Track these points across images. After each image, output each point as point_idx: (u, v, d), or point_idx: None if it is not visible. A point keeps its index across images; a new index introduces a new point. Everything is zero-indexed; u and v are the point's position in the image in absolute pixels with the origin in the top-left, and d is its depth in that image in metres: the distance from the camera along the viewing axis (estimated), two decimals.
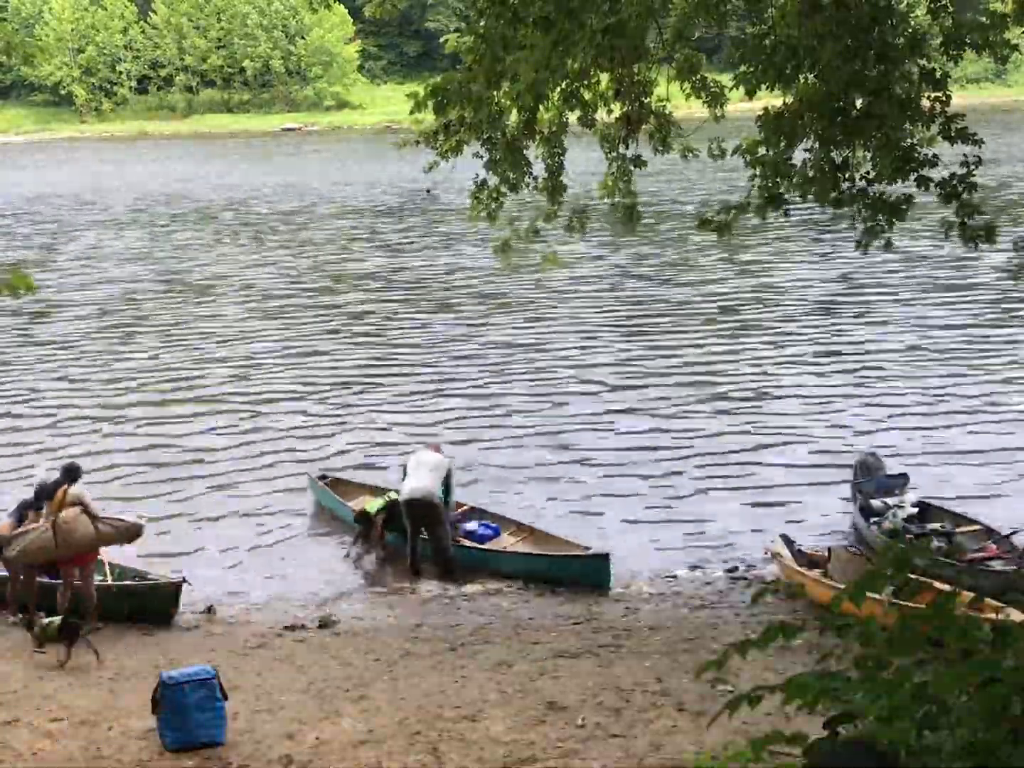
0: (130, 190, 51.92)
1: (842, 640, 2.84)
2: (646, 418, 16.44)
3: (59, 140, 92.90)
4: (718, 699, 7.61)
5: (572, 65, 9.59)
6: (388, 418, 16.98)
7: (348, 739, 7.45)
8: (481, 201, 11.00)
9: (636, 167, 10.97)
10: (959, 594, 2.80)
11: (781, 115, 8.92)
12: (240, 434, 16.43)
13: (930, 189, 8.93)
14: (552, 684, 8.43)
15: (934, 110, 8.81)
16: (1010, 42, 8.67)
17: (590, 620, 10.25)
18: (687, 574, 11.56)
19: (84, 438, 16.53)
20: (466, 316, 23.60)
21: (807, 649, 8.46)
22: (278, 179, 54.40)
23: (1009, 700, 2.40)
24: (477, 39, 9.69)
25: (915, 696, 2.47)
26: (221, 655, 9.30)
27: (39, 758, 7.31)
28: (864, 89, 8.63)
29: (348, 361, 20.41)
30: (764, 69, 8.67)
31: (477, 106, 9.88)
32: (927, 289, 24.13)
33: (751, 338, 20.62)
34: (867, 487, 12.27)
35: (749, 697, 2.69)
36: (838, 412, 16.27)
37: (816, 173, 9.06)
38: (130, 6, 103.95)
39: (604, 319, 22.69)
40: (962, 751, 2.37)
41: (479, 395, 17.95)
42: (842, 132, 8.80)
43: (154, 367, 20.39)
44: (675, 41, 9.96)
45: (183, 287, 28.51)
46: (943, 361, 18.58)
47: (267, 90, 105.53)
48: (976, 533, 11.30)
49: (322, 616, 10.67)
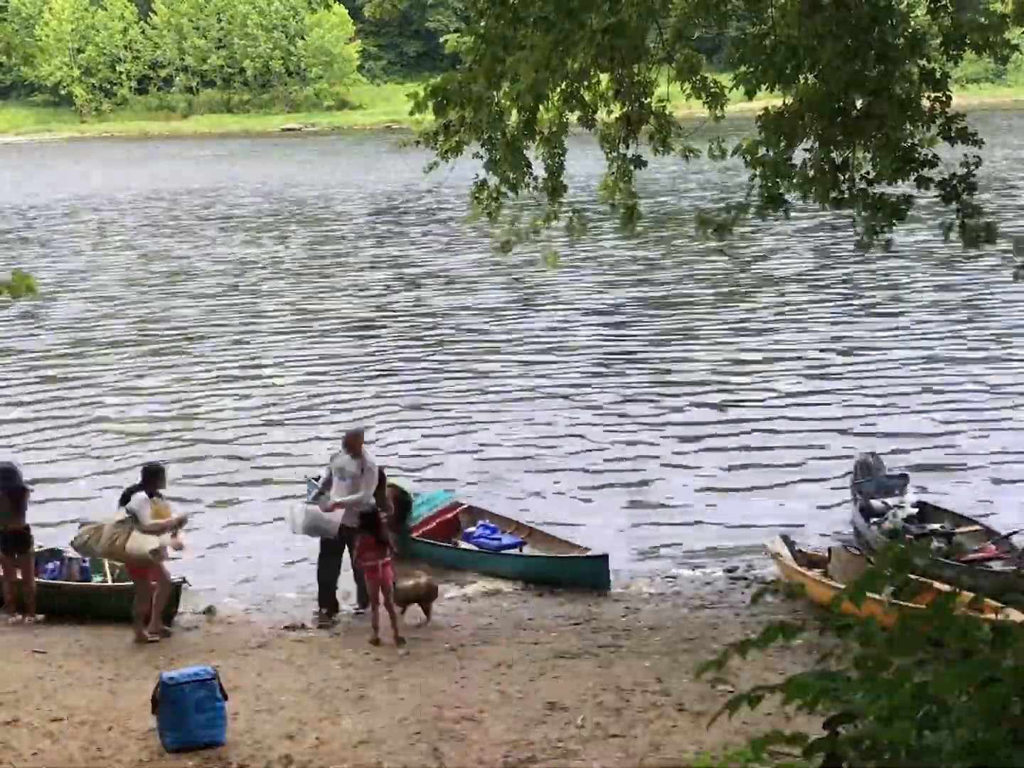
0: (130, 191, 51.93)
1: (842, 640, 2.83)
2: (645, 418, 16.43)
3: (59, 140, 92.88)
4: (718, 699, 7.61)
5: (572, 65, 9.59)
6: (386, 419, 16.98)
7: (348, 739, 7.45)
8: (481, 201, 10.99)
9: (636, 167, 10.96)
10: (959, 594, 2.80)
11: (781, 115, 8.91)
12: (240, 434, 16.43)
13: (930, 189, 8.93)
14: (552, 684, 8.43)
15: (934, 110, 8.80)
16: (1010, 42, 8.67)
17: (590, 620, 10.25)
18: (687, 574, 11.56)
19: (84, 439, 16.54)
20: (465, 316, 23.61)
21: (807, 649, 8.46)
22: (278, 179, 54.38)
23: (1009, 700, 2.40)
24: (477, 39, 9.69)
25: (915, 696, 2.47)
26: (221, 655, 9.30)
27: (39, 758, 7.31)
28: (864, 89, 8.62)
29: (346, 361, 20.41)
30: (764, 69, 8.67)
31: (477, 106, 9.87)
32: (927, 289, 24.12)
33: (751, 338, 20.62)
34: (867, 487, 12.27)
35: (749, 697, 2.69)
36: (838, 412, 16.27)
37: (816, 173, 9.06)
38: (130, 6, 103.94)
39: (604, 319, 22.69)
40: (962, 751, 2.37)
41: (478, 395, 17.95)
42: (842, 132, 8.80)
43: (153, 367, 20.38)
44: (675, 41, 9.95)
45: (175, 285, 28.52)
46: (943, 361, 18.57)
47: (267, 90, 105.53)
48: (976, 533, 11.30)
49: (322, 616, 10.66)
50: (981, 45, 8.48)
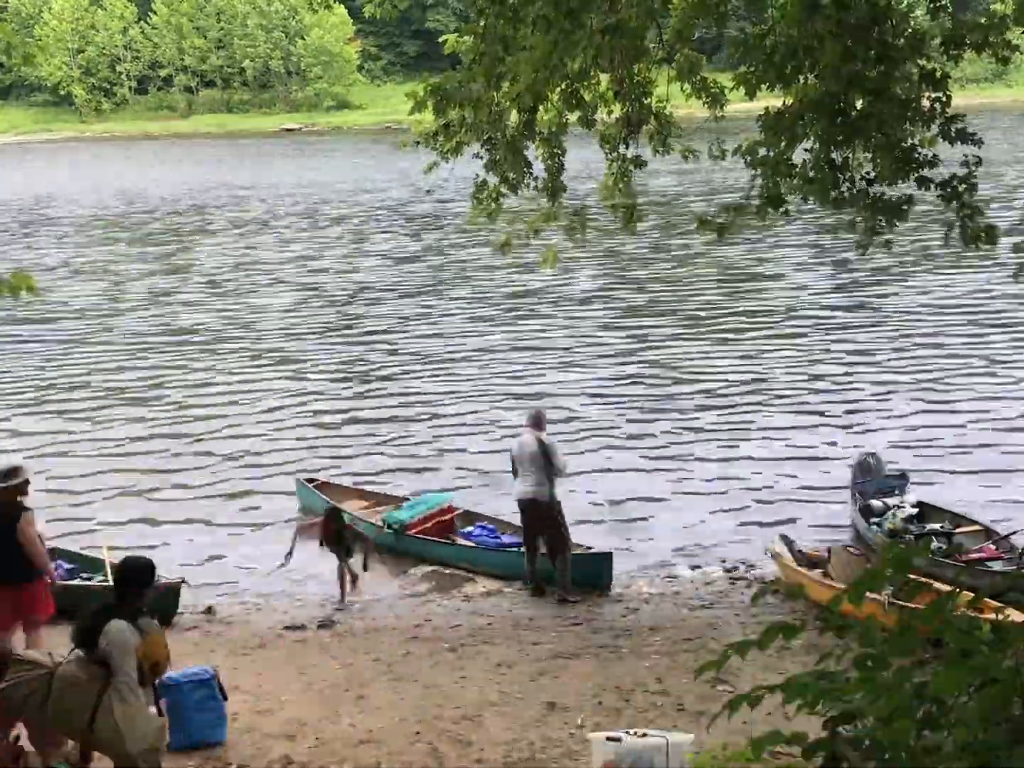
0: (129, 190, 51.96)
1: (842, 640, 2.84)
2: (645, 418, 16.44)
3: (59, 140, 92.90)
4: (718, 699, 7.61)
5: (572, 65, 9.57)
6: (384, 420, 16.99)
7: (348, 739, 7.45)
8: (481, 202, 10.99)
9: (636, 168, 10.96)
10: (959, 594, 2.80)
11: (781, 115, 8.90)
12: (240, 434, 16.43)
13: (931, 190, 8.92)
14: (552, 684, 8.43)
15: (934, 110, 8.79)
16: (1010, 42, 8.65)
17: (590, 620, 10.25)
18: (687, 574, 11.56)
19: (83, 439, 16.54)
20: (464, 317, 23.61)
21: (807, 649, 8.47)
22: (277, 180, 54.39)
23: (1009, 700, 2.40)
24: (476, 39, 9.68)
25: (915, 696, 2.47)
26: (221, 655, 9.30)
27: None
28: (864, 89, 8.61)
29: (344, 362, 20.42)
30: (764, 69, 8.66)
31: (477, 106, 9.86)
32: (927, 290, 24.12)
33: (751, 338, 20.62)
34: (867, 487, 12.27)
35: (749, 697, 2.69)
36: (838, 412, 16.27)
37: (816, 173, 9.05)
38: (130, 6, 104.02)
39: (603, 320, 22.69)
40: (962, 751, 2.37)
41: (476, 396, 17.95)
42: (842, 132, 8.79)
43: (152, 368, 20.39)
44: (675, 41, 9.95)
45: (174, 290, 28.53)
46: (943, 361, 18.57)
47: (267, 90, 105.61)
48: (976, 533, 11.30)
49: (322, 616, 10.67)
50: (981, 45, 8.47)
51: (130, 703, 5.81)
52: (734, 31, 12.27)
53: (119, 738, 5.75)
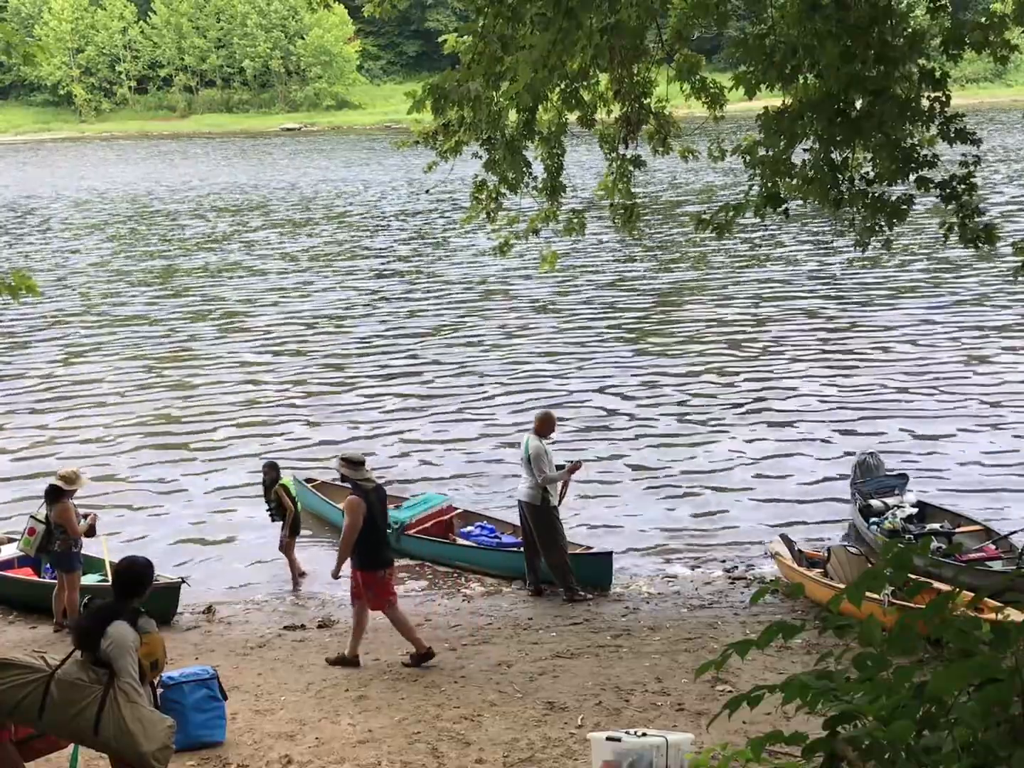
0: (129, 192, 51.92)
1: (842, 640, 2.84)
2: (644, 418, 16.44)
3: (59, 140, 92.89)
4: (718, 699, 7.61)
5: (571, 65, 9.57)
6: (382, 422, 16.99)
7: (348, 739, 7.45)
8: (480, 202, 10.98)
9: (636, 168, 10.96)
10: (959, 594, 2.80)
11: (781, 115, 8.90)
12: (240, 434, 16.43)
13: (930, 190, 8.92)
14: (552, 684, 8.43)
15: (934, 110, 8.79)
16: (1010, 42, 8.65)
17: (590, 620, 10.24)
18: (687, 574, 11.56)
19: (83, 439, 16.53)
20: (462, 317, 23.61)
21: (807, 649, 8.48)
22: (277, 180, 54.37)
23: (1009, 700, 2.40)
24: (475, 38, 9.67)
25: (915, 696, 2.47)
26: (221, 655, 9.31)
27: None
28: (864, 89, 8.61)
29: (344, 362, 20.42)
30: (764, 69, 8.66)
31: (476, 106, 9.85)
32: (928, 289, 24.13)
33: (751, 338, 20.62)
34: (867, 487, 12.27)
35: (749, 697, 2.68)
36: (838, 412, 16.27)
37: (816, 173, 9.04)
38: (130, 6, 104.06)
39: (603, 320, 22.69)
40: (962, 751, 2.37)
41: (476, 396, 17.95)
42: (842, 132, 8.78)
43: (151, 369, 20.38)
44: (674, 41, 9.95)
45: (174, 289, 28.53)
46: (943, 361, 18.58)
47: (267, 90, 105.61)
48: (975, 533, 11.31)
49: (322, 616, 10.67)
50: (981, 45, 8.47)
51: (139, 703, 5.72)
52: (734, 31, 12.28)
53: (130, 739, 5.63)
